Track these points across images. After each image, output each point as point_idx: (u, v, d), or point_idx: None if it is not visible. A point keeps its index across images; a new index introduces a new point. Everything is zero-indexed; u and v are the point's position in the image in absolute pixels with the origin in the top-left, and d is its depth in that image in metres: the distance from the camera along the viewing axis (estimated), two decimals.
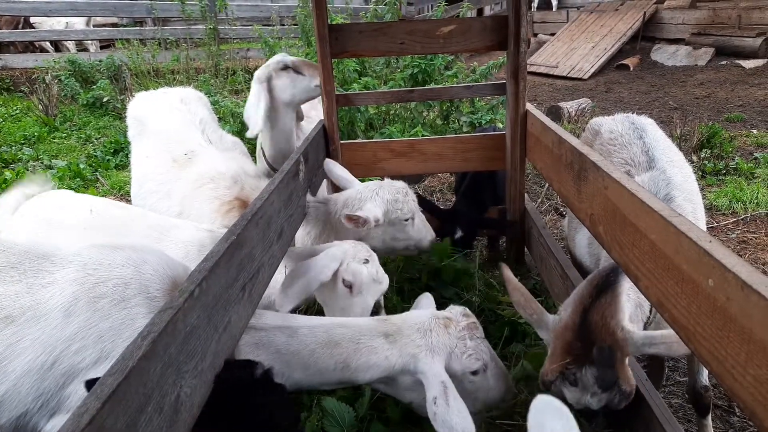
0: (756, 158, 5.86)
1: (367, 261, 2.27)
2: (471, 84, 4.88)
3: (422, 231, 2.84)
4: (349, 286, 2.22)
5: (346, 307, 2.25)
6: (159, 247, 2.19)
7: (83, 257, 1.74)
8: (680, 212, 2.23)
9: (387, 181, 2.82)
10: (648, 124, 2.90)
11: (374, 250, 2.41)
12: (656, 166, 2.56)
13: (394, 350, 1.91)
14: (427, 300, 2.31)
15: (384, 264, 3.14)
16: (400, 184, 2.80)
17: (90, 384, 1.35)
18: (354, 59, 5.87)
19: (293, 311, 2.16)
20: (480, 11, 15.26)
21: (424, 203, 3.18)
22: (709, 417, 2.43)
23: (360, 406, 2.15)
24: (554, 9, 15.67)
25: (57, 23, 11.51)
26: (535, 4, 16.25)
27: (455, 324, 1.97)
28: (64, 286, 1.65)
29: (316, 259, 2.20)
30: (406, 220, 2.74)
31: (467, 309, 2.08)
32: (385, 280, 2.32)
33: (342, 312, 2.25)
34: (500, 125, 5.55)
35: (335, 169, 2.95)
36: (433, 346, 1.90)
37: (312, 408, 2.15)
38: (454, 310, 2.06)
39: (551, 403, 1.04)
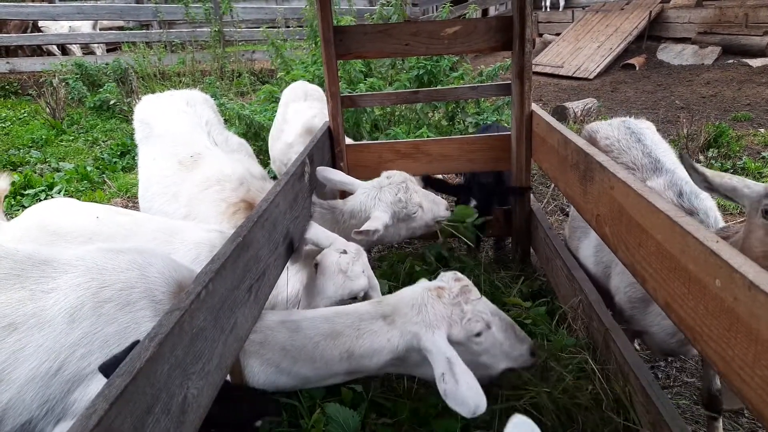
0: (763, 157, 5.82)
1: (345, 252, 2.25)
2: (476, 85, 4.87)
3: (434, 209, 2.87)
4: (316, 265, 2.24)
5: (309, 287, 2.30)
6: (169, 249, 2.18)
7: (86, 261, 1.71)
8: (705, 208, 2.29)
9: (384, 177, 2.82)
10: (645, 127, 2.91)
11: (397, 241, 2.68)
12: (664, 167, 2.56)
13: (395, 331, 1.87)
14: None
15: (391, 265, 3.16)
16: (399, 179, 2.80)
17: (104, 368, 1.36)
18: (360, 60, 5.89)
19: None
20: (485, 12, 15.26)
21: (434, 183, 3.24)
22: (720, 420, 2.41)
23: (360, 412, 2.09)
24: (560, 9, 15.63)
25: (61, 27, 11.59)
26: (547, 4, 16.21)
27: (448, 292, 1.94)
28: (68, 292, 1.62)
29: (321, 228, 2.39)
30: (415, 212, 2.78)
31: (458, 272, 2.05)
32: (358, 280, 2.22)
33: (307, 291, 2.32)
34: (506, 125, 5.54)
35: (330, 174, 2.88)
36: (431, 320, 1.86)
37: (311, 414, 2.08)
38: (446, 277, 2.02)
39: (527, 423, 1.16)
